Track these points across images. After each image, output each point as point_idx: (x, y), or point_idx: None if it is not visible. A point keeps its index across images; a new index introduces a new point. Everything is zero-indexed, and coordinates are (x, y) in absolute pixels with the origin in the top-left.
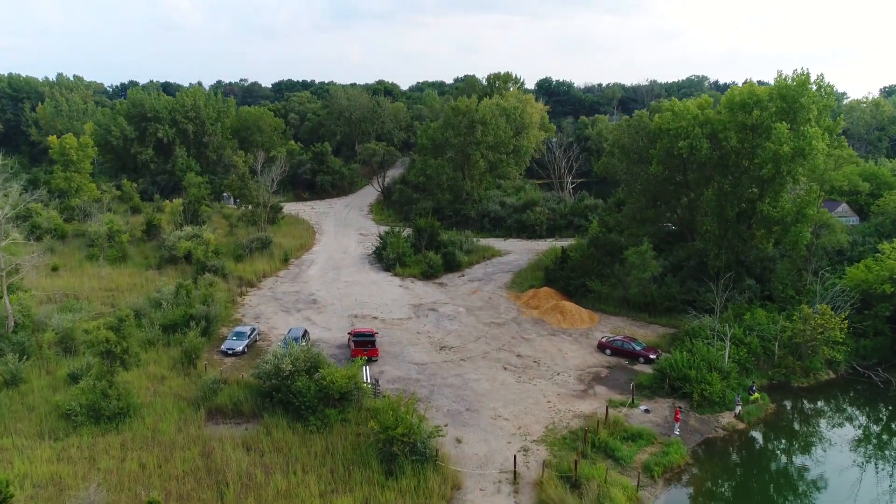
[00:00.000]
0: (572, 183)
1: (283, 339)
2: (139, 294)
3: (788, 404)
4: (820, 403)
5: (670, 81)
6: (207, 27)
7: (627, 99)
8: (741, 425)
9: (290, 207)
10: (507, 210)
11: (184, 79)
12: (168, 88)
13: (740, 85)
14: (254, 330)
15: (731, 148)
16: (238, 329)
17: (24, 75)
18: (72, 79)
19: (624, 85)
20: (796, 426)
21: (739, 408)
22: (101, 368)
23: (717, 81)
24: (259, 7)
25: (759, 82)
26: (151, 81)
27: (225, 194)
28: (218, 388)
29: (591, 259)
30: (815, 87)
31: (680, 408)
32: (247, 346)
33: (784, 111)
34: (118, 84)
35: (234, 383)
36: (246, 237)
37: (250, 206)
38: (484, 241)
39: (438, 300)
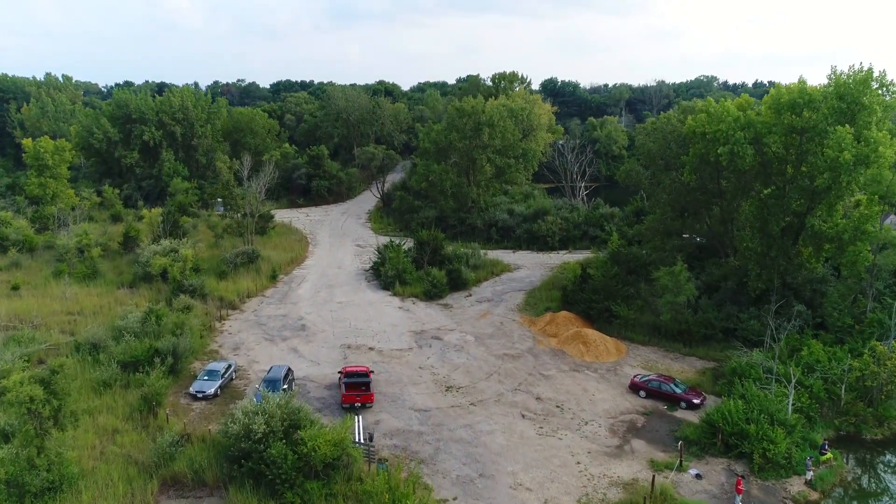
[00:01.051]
0: (585, 189)
1: (259, 386)
2: (104, 319)
3: (864, 463)
4: None
5: (679, 82)
6: (208, 28)
7: (635, 100)
8: (814, 495)
9: (283, 215)
10: (516, 219)
11: (184, 80)
12: (164, 89)
13: (750, 85)
14: (229, 367)
15: (773, 154)
16: (210, 366)
17: (10, 75)
18: (60, 79)
19: (631, 85)
20: (878, 491)
21: (811, 473)
22: (27, 433)
23: (725, 82)
24: (259, 7)
25: (770, 83)
26: (147, 82)
27: (216, 201)
28: (176, 451)
29: (616, 279)
30: (875, 85)
31: (742, 476)
32: (220, 387)
33: (841, 112)
34: (113, 84)
35: (199, 440)
36: (231, 250)
37: (236, 216)
38: (492, 254)
39: (443, 326)
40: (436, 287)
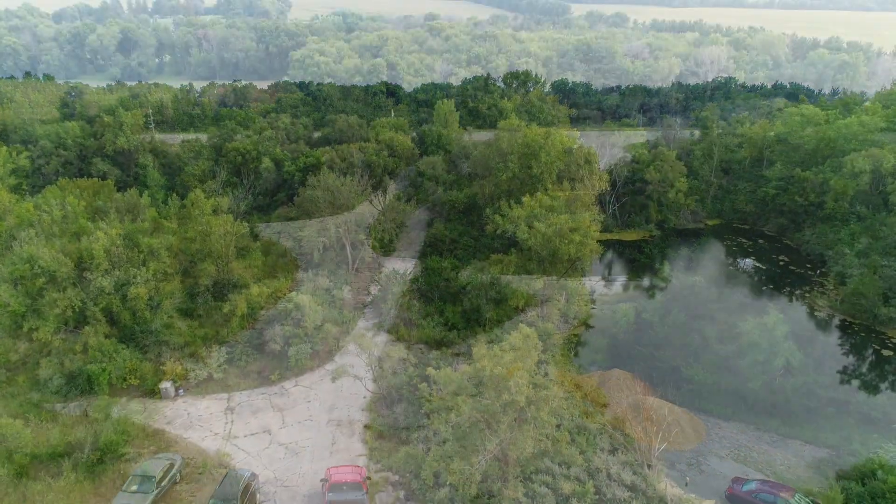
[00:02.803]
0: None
1: None
2: (22, 387)
3: None
4: None
5: (694, 83)
6: None
7: (652, 103)
8: None
9: (272, 230)
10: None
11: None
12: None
13: (769, 86)
14: (171, 465)
15: None
16: (143, 468)
17: None
18: (42, 79)
19: (648, 88)
20: None
21: None
22: None
23: (744, 83)
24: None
25: (791, 84)
26: (141, 83)
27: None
28: None
29: (682, 329)
30: None
31: None
32: (155, 498)
33: None
34: (105, 86)
35: None
36: (204, 279)
37: (208, 240)
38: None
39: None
40: (449, 330)
